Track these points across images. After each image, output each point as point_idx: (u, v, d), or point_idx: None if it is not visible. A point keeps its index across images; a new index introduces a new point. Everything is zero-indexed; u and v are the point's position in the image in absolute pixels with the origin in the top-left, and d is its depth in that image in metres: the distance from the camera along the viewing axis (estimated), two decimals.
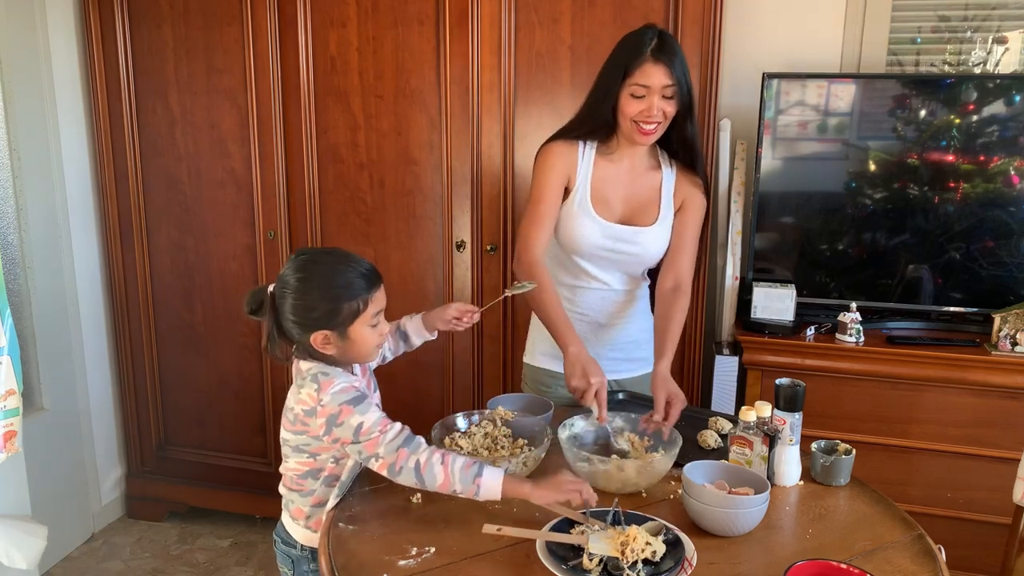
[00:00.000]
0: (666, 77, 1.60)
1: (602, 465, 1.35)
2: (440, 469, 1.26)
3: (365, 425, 1.28)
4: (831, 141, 2.29)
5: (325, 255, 1.36)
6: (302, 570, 1.50)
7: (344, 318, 1.32)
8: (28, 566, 1.88)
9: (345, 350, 1.35)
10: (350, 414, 1.29)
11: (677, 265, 1.77)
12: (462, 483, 1.26)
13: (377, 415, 1.30)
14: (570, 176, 1.75)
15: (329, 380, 1.32)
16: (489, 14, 2.27)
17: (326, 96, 2.46)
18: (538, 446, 1.46)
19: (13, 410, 1.78)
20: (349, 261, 1.34)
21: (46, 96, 2.59)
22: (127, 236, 2.74)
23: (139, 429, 2.88)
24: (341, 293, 1.31)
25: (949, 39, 2.40)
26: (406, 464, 1.27)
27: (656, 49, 1.60)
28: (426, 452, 1.27)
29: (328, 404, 1.30)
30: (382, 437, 1.28)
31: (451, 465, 1.26)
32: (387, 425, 1.30)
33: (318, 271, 1.33)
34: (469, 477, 1.25)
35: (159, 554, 2.74)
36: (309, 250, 1.37)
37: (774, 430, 1.42)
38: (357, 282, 1.33)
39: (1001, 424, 2.10)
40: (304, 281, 1.32)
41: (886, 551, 1.23)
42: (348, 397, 1.30)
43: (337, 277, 1.32)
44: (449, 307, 1.58)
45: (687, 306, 1.75)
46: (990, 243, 2.22)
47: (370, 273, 1.35)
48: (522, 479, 1.30)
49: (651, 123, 1.65)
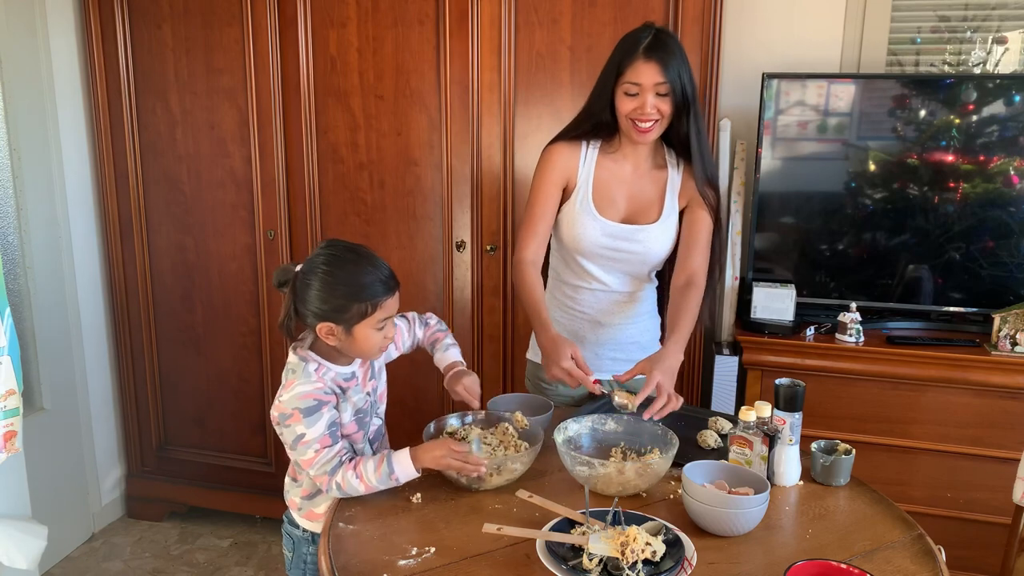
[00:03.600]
0: (658, 75, 1.60)
1: (602, 468, 1.35)
2: (357, 482, 1.34)
3: (306, 438, 1.34)
4: (831, 141, 2.29)
5: (351, 253, 1.40)
6: (301, 552, 1.55)
7: (351, 316, 1.36)
8: (28, 566, 1.88)
9: (347, 345, 1.40)
10: (297, 421, 1.34)
11: (690, 262, 1.75)
12: (381, 483, 1.35)
13: (320, 432, 1.35)
14: (570, 177, 1.75)
15: (294, 380, 1.38)
16: (489, 14, 2.27)
17: (326, 96, 2.46)
18: (533, 445, 1.45)
19: (13, 410, 1.78)
20: (372, 264, 1.39)
21: (46, 96, 2.59)
22: (127, 236, 2.74)
23: (139, 429, 2.88)
24: (355, 293, 1.36)
25: (949, 39, 2.40)
26: (330, 487, 1.35)
27: (649, 47, 1.60)
28: (340, 471, 1.35)
29: (284, 403, 1.36)
30: (317, 458, 1.35)
31: (365, 473, 1.34)
32: (324, 446, 1.35)
33: (342, 268, 1.37)
34: (384, 476, 1.34)
35: (159, 554, 2.74)
36: (339, 245, 1.41)
37: (774, 430, 1.42)
38: (374, 287, 1.37)
39: (1001, 424, 2.10)
40: (328, 275, 1.37)
41: (886, 551, 1.23)
42: (303, 404, 1.35)
43: (358, 277, 1.36)
44: (461, 384, 1.56)
45: (700, 299, 1.72)
46: (990, 243, 2.22)
47: (388, 280, 1.40)
48: (422, 448, 1.36)
49: (646, 121, 1.64)
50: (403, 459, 1.35)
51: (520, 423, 1.53)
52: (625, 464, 1.36)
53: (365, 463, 1.35)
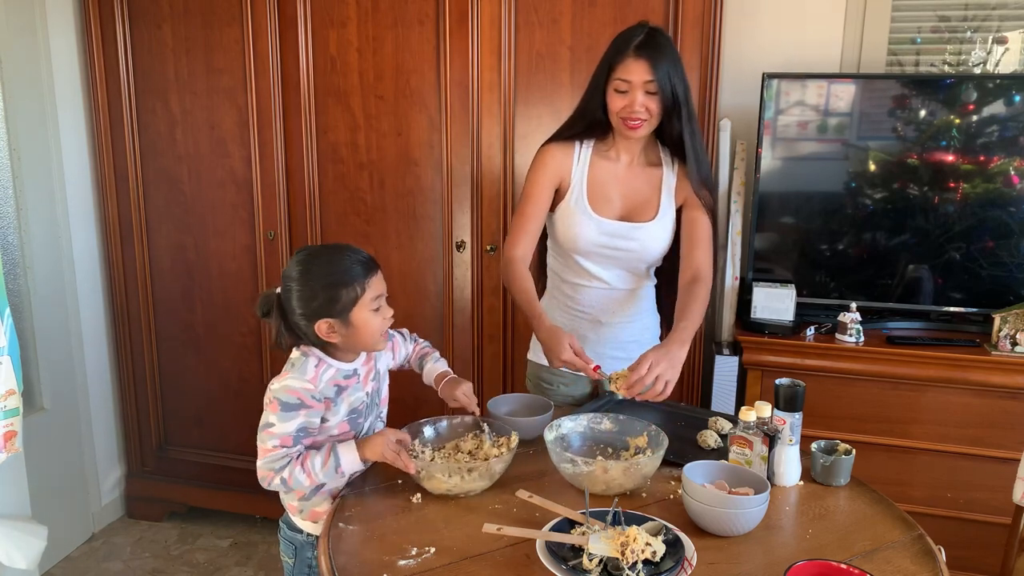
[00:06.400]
0: (647, 72, 1.60)
1: (587, 467, 1.35)
2: (303, 476, 1.35)
3: (273, 428, 1.35)
4: (831, 141, 2.29)
5: (322, 248, 1.43)
6: (304, 556, 1.52)
7: (344, 304, 1.37)
8: (28, 566, 1.88)
9: (349, 337, 1.40)
10: (274, 411, 1.35)
11: (694, 259, 1.75)
12: (327, 477, 1.37)
13: (287, 431, 1.35)
14: (563, 176, 1.75)
15: (288, 372, 1.39)
16: (489, 14, 2.27)
17: (326, 96, 2.46)
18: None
19: (13, 410, 1.78)
20: (345, 251, 1.40)
21: (46, 96, 2.59)
22: (127, 236, 2.74)
23: (139, 429, 2.88)
24: (339, 280, 1.36)
25: (949, 39, 2.40)
26: (273, 481, 1.36)
27: (640, 45, 1.61)
28: (288, 468, 1.35)
29: (272, 390, 1.37)
30: (272, 453, 1.35)
31: (312, 467, 1.35)
32: (284, 445, 1.35)
33: (316, 262, 1.39)
34: (331, 470, 1.36)
35: (159, 554, 2.74)
36: (310, 247, 1.45)
37: (774, 430, 1.42)
38: (354, 269, 1.38)
39: (1001, 424, 2.10)
40: (304, 273, 1.38)
41: (886, 551, 1.23)
42: (284, 398, 1.36)
43: (334, 265, 1.38)
44: (459, 389, 1.57)
45: (707, 293, 1.72)
46: (990, 243, 2.22)
47: (367, 260, 1.41)
48: (364, 440, 1.40)
49: (636, 119, 1.65)
50: (348, 451, 1.38)
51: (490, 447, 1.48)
52: (609, 463, 1.36)
53: (312, 457, 1.36)
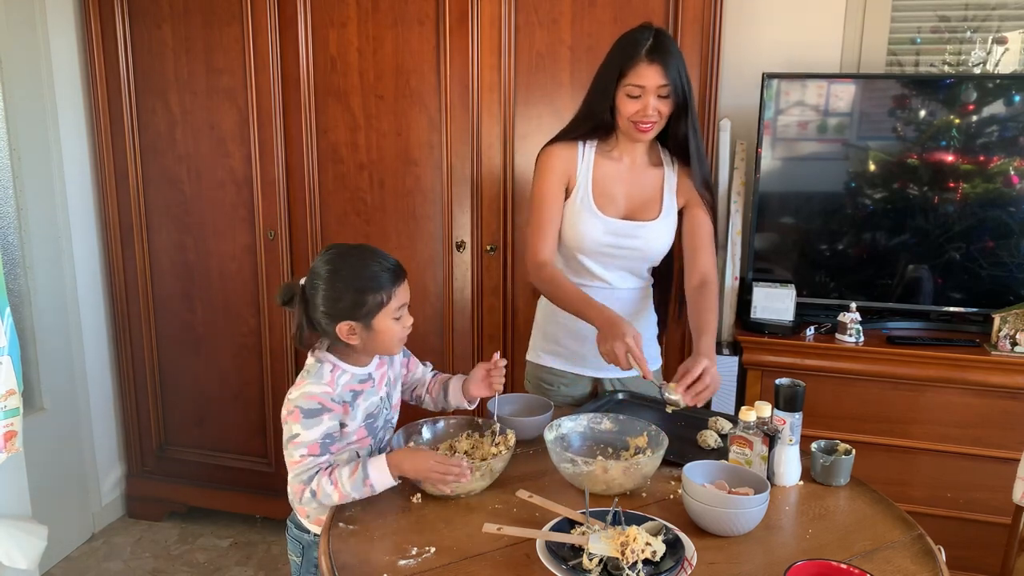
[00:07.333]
0: (661, 77, 1.61)
1: (587, 467, 1.35)
2: (332, 489, 1.32)
3: (298, 439, 1.35)
4: (831, 141, 2.29)
5: (353, 249, 1.43)
6: (312, 556, 1.52)
7: (369, 309, 1.38)
8: (28, 566, 1.88)
9: (369, 341, 1.41)
10: (296, 420, 1.35)
11: (699, 263, 1.77)
12: (355, 490, 1.32)
13: (313, 437, 1.35)
14: (570, 177, 1.76)
15: (306, 380, 1.39)
16: (489, 14, 2.27)
17: (326, 96, 2.46)
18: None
19: (13, 410, 1.78)
20: (376, 256, 1.41)
21: (46, 96, 2.59)
22: (127, 236, 2.74)
23: (139, 429, 2.88)
24: (367, 285, 1.37)
25: (949, 39, 2.40)
26: (304, 495, 1.34)
27: (651, 49, 1.61)
28: (316, 479, 1.33)
29: (291, 400, 1.37)
30: (302, 463, 1.34)
31: (340, 479, 1.32)
32: (312, 454, 1.34)
33: (347, 264, 1.39)
34: (359, 482, 1.32)
35: (159, 554, 2.74)
36: (339, 245, 1.44)
37: (774, 430, 1.42)
38: (383, 276, 1.38)
39: (1001, 424, 2.10)
40: (333, 273, 1.38)
41: (886, 551, 1.23)
42: (305, 405, 1.35)
43: (364, 270, 1.38)
44: (476, 369, 1.59)
45: (716, 295, 1.75)
46: (990, 243, 2.22)
47: (395, 268, 1.41)
48: (402, 455, 1.35)
49: (647, 122, 1.66)
50: (379, 465, 1.32)
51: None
52: (609, 463, 1.36)
53: (340, 469, 1.33)
